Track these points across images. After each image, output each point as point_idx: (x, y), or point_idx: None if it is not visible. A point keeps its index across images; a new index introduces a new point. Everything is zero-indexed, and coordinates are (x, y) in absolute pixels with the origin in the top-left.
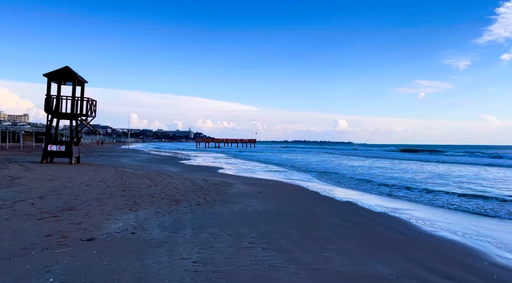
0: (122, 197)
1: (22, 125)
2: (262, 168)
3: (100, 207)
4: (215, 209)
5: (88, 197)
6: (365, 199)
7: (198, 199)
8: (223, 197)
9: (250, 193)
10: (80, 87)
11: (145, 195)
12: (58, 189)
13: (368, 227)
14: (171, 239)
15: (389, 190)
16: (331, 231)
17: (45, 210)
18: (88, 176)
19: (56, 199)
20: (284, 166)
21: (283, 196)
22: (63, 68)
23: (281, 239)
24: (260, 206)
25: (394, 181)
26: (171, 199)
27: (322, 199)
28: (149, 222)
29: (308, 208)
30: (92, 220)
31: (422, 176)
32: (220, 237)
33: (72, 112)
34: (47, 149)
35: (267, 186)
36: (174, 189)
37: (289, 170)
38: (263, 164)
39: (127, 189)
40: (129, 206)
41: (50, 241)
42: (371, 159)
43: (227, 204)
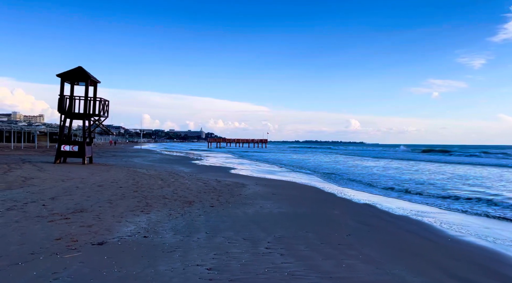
0: (134, 198)
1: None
2: (274, 169)
3: (111, 209)
4: (229, 211)
5: (100, 198)
6: (383, 201)
7: (211, 200)
8: (236, 198)
9: (264, 194)
10: (92, 87)
11: (157, 196)
12: (70, 190)
13: (390, 231)
14: (184, 244)
15: (407, 192)
16: (351, 235)
17: (56, 211)
18: (100, 177)
19: (68, 200)
20: (296, 167)
21: (298, 198)
22: (76, 68)
23: (299, 244)
24: (275, 208)
25: (411, 182)
26: (184, 200)
27: (339, 201)
28: (161, 225)
29: (325, 211)
30: (103, 223)
31: (441, 178)
32: (236, 241)
33: (85, 112)
34: (60, 149)
35: (281, 187)
36: (186, 190)
37: (301, 171)
38: (275, 165)
39: (139, 190)
40: (141, 208)
41: (60, 245)
42: (385, 160)
43: (241, 206)
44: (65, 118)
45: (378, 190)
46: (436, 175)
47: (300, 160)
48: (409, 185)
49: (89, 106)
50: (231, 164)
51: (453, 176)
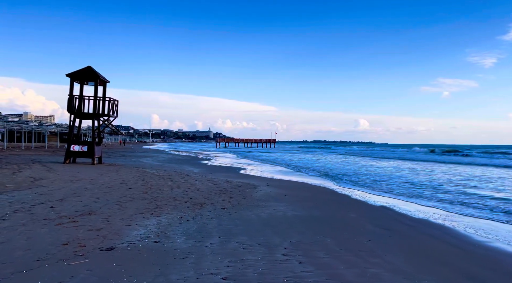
0: (144, 200)
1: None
2: (283, 169)
3: (121, 211)
4: (241, 214)
5: (109, 200)
6: (400, 204)
7: (222, 202)
8: (248, 200)
9: (276, 196)
10: (102, 87)
11: (168, 198)
12: (79, 191)
13: (412, 237)
14: (197, 249)
15: (424, 194)
16: (371, 241)
17: (64, 214)
18: (109, 177)
19: (76, 202)
20: (307, 169)
21: (312, 200)
22: (85, 68)
23: (318, 251)
24: (288, 210)
25: (427, 184)
26: (195, 202)
27: (354, 203)
28: (172, 229)
29: (341, 214)
30: (112, 226)
31: (457, 179)
32: (250, 247)
33: (94, 112)
34: (70, 150)
35: (293, 189)
36: (197, 192)
37: (312, 172)
38: (284, 165)
39: (149, 191)
40: (151, 210)
41: (67, 250)
42: (398, 161)
43: (253, 208)
44: (75, 118)
45: (393, 192)
46: (453, 177)
47: (310, 160)
48: (425, 187)
49: (99, 106)
50: (240, 164)
51: (470, 177)
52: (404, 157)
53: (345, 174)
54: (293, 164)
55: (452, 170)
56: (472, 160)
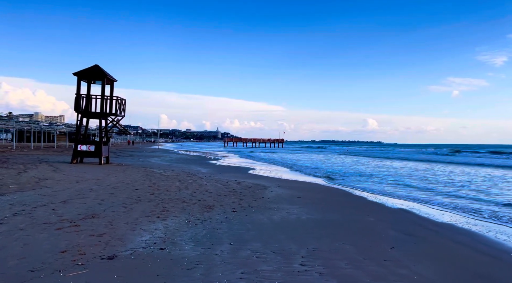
0: (150, 202)
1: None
2: (294, 170)
3: (125, 214)
4: (252, 217)
5: (114, 202)
6: (418, 206)
7: (232, 204)
8: (259, 202)
9: (288, 197)
10: (109, 86)
11: (175, 200)
12: (84, 192)
13: (439, 244)
14: (206, 258)
15: (443, 196)
16: (395, 248)
17: (66, 217)
18: (116, 178)
19: (80, 204)
20: (317, 169)
21: (325, 202)
22: (93, 67)
23: (338, 260)
24: (302, 214)
25: (447, 185)
26: (203, 204)
27: (370, 205)
28: (179, 234)
29: (358, 217)
30: (115, 231)
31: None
32: (265, 255)
33: (101, 111)
34: (77, 149)
35: (305, 190)
36: (205, 193)
37: (323, 172)
38: (294, 166)
39: (156, 193)
40: (158, 213)
41: (65, 259)
42: (413, 162)
43: (265, 211)
44: (82, 117)
45: (409, 194)
46: (474, 178)
47: (320, 161)
48: (445, 188)
49: (106, 105)
50: (249, 164)
51: (493, 178)
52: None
53: (358, 175)
54: (301, 165)
55: (471, 171)
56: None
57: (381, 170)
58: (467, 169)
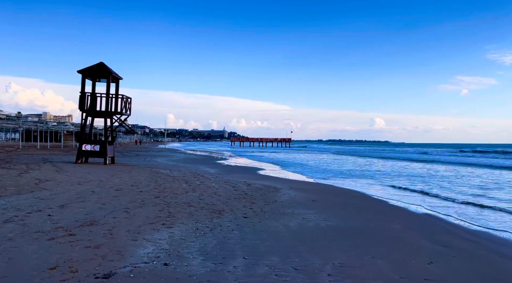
0: (155, 206)
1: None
2: (303, 170)
3: (127, 221)
4: (267, 225)
5: (116, 206)
6: (444, 210)
7: (243, 209)
8: (272, 206)
9: (303, 201)
10: (115, 84)
11: (182, 204)
12: (85, 195)
13: (482, 257)
14: (217, 277)
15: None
16: (434, 263)
17: (61, 224)
18: (120, 179)
19: (79, 209)
20: (328, 171)
21: (344, 206)
22: (98, 64)
23: (371, 279)
24: (320, 220)
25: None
26: (212, 209)
27: (392, 210)
28: (186, 245)
29: (382, 224)
30: (115, 242)
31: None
32: (285, 273)
33: (106, 110)
34: (81, 149)
35: (319, 192)
36: (214, 196)
37: (335, 172)
38: (303, 166)
39: (161, 196)
40: (163, 220)
41: (53, 278)
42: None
43: (280, 217)
44: (87, 116)
45: (431, 196)
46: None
47: (329, 161)
48: (470, 190)
49: (111, 104)
50: (258, 164)
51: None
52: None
53: (371, 177)
54: (310, 165)
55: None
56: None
57: (395, 170)
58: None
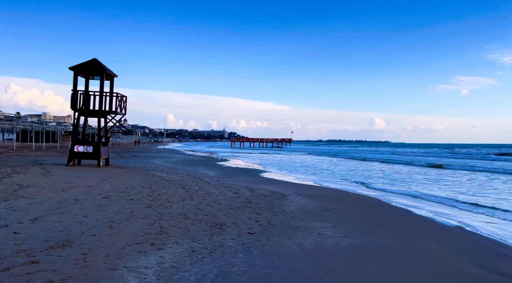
0: (146, 218)
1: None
2: (308, 171)
3: (109, 240)
4: (277, 244)
5: (100, 219)
6: (473, 222)
7: (248, 222)
8: (281, 218)
9: (314, 210)
10: (109, 81)
11: (177, 215)
12: (66, 204)
13: None
14: None
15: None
16: None
17: (25, 246)
18: (111, 184)
19: (54, 224)
20: (337, 174)
21: (362, 217)
22: (91, 61)
23: None
24: (340, 236)
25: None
26: (212, 222)
27: (418, 221)
28: (179, 277)
29: (414, 241)
30: (87, 273)
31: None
32: None
33: (100, 109)
34: (74, 151)
35: (330, 199)
36: (214, 204)
37: (344, 175)
38: (307, 167)
39: (154, 204)
40: (152, 238)
41: None
42: (369, 161)
43: (292, 233)
44: (79, 115)
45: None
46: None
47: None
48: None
49: (105, 102)
50: (259, 165)
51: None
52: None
53: (386, 179)
54: (315, 167)
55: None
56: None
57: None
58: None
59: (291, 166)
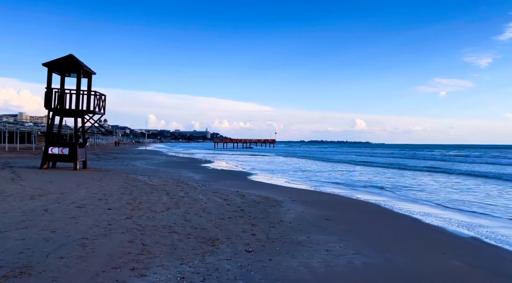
0: (125, 233)
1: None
2: (298, 174)
3: (80, 264)
4: (282, 265)
5: (71, 234)
6: (487, 234)
7: (243, 235)
8: (280, 230)
9: (314, 219)
10: (86, 79)
11: (161, 228)
12: (33, 216)
13: None
14: None
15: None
16: None
17: None
18: (87, 190)
19: (14, 242)
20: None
21: (368, 227)
22: (66, 57)
23: None
24: (351, 253)
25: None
26: (202, 236)
27: (430, 232)
28: None
29: (435, 259)
30: None
31: None
32: None
33: (76, 108)
34: (48, 152)
35: (328, 206)
36: (202, 214)
37: (334, 177)
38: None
39: (135, 215)
40: (133, 259)
41: None
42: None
43: (295, 250)
44: (54, 115)
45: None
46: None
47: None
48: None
49: (82, 101)
50: (245, 167)
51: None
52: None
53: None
54: (305, 170)
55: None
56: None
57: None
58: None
59: (279, 168)
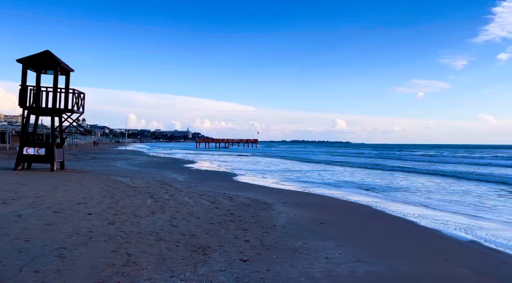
0: (108, 241)
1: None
2: (285, 175)
3: (58, 279)
4: (281, 276)
5: (47, 244)
6: (485, 235)
7: (236, 242)
8: (274, 235)
9: (309, 224)
10: (64, 76)
11: (147, 235)
12: (5, 222)
13: None
14: None
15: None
16: None
17: None
18: (65, 193)
19: None
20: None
21: (365, 231)
22: (42, 53)
23: None
24: (351, 261)
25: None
26: (192, 244)
27: (428, 235)
28: None
29: (439, 267)
30: None
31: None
32: None
33: (54, 106)
34: (22, 153)
35: (320, 208)
36: (191, 218)
37: (321, 178)
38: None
39: (118, 221)
40: (118, 272)
41: None
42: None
43: (293, 258)
44: (29, 114)
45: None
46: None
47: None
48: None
49: (60, 99)
50: (229, 167)
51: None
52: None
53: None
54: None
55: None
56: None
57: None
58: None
59: (265, 169)
